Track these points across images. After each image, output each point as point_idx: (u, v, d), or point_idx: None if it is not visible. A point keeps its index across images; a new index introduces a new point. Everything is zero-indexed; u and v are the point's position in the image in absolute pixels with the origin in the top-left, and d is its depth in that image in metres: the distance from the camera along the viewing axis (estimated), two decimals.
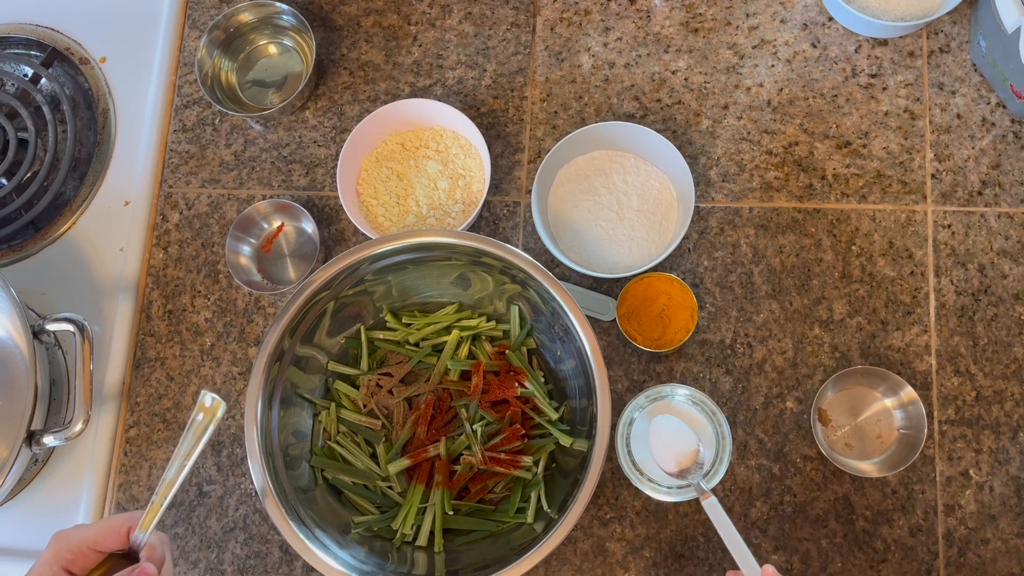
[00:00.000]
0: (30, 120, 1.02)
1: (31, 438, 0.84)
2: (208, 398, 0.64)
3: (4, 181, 1.03)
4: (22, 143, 1.04)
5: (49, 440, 0.84)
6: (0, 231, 1.00)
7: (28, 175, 1.03)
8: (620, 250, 0.90)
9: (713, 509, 0.62)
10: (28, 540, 0.93)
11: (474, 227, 0.94)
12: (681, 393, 0.83)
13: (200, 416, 0.64)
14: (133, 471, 0.93)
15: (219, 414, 0.64)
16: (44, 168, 1.01)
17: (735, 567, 0.66)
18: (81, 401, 0.85)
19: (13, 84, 1.05)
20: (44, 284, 0.99)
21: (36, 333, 0.86)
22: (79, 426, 0.84)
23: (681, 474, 0.68)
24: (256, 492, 0.89)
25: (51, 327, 0.86)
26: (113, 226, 0.99)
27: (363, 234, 0.93)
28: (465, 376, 0.86)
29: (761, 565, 0.61)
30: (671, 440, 0.71)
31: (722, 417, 0.81)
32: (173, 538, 0.90)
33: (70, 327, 0.86)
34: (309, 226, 0.95)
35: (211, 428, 0.64)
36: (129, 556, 0.64)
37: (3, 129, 1.03)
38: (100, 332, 0.96)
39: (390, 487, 0.84)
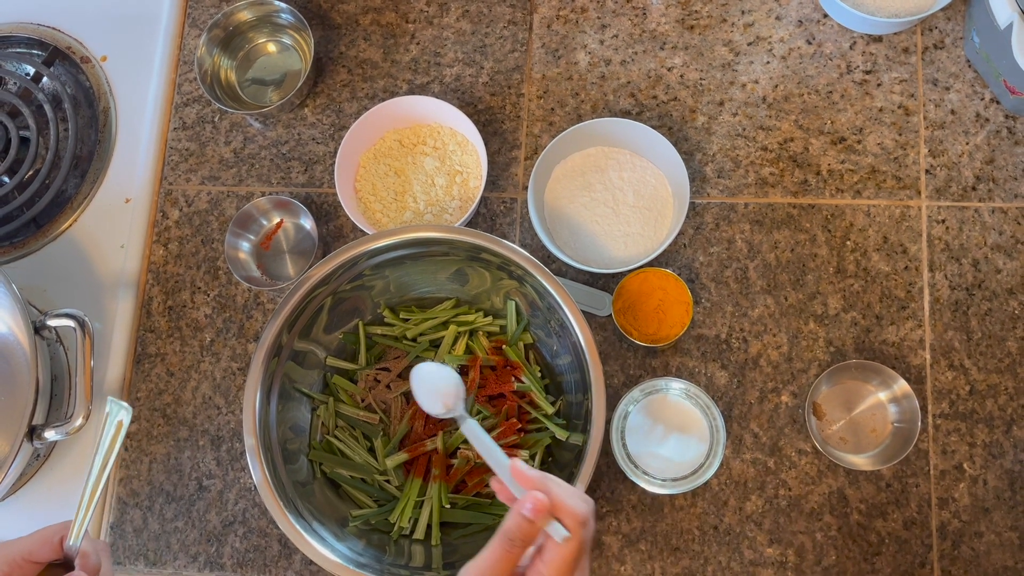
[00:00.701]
0: (32, 118, 1.03)
1: (32, 433, 0.85)
2: (114, 406, 0.66)
3: (6, 179, 1.04)
4: (24, 141, 1.04)
5: (50, 435, 0.85)
6: (2, 228, 1.01)
7: (30, 173, 1.03)
8: (616, 246, 0.91)
9: (471, 430, 0.65)
10: None
11: (471, 223, 0.95)
12: (676, 387, 0.83)
13: (110, 425, 0.66)
14: (134, 466, 0.94)
15: (127, 421, 0.66)
16: (46, 166, 1.02)
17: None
18: (82, 396, 0.85)
19: (15, 83, 1.06)
20: (45, 280, 1.00)
21: (37, 329, 0.87)
22: (80, 421, 0.85)
23: (448, 411, 0.69)
24: (255, 486, 0.90)
25: (52, 323, 0.87)
26: (114, 223, 1.00)
27: (361, 230, 0.93)
28: (462, 371, 0.87)
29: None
30: (432, 386, 0.70)
31: (716, 411, 0.82)
32: (173, 532, 0.91)
33: (71, 323, 0.87)
34: (308, 222, 0.96)
35: (123, 434, 0.66)
36: (66, 565, 0.65)
37: (5, 127, 1.04)
38: (101, 328, 0.97)
39: (388, 481, 0.85)
